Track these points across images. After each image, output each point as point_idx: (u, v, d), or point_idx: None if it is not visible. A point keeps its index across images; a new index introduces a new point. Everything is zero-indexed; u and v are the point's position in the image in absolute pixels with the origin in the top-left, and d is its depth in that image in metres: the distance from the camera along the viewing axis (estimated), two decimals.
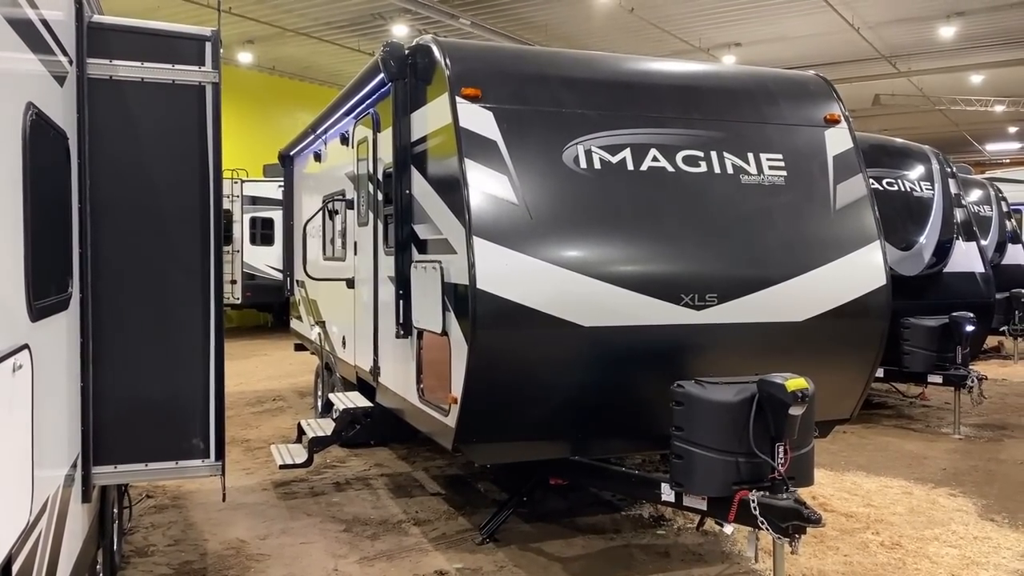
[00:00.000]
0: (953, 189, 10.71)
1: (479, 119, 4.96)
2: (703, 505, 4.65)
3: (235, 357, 16.41)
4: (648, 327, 5.03)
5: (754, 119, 5.70)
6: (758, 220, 5.43)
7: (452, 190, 5.04)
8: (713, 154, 5.42)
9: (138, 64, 3.69)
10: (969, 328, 9.11)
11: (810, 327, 5.42)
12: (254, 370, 14.42)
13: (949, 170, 10.85)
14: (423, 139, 5.57)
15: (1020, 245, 15.83)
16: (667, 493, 4.81)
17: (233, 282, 19.36)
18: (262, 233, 19.48)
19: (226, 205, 19.29)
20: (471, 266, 4.70)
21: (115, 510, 5.13)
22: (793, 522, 4.30)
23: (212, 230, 3.76)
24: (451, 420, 5.05)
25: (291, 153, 11.14)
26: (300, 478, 7.43)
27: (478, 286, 4.68)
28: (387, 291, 6.39)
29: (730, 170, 5.43)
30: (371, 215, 6.93)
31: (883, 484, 7.24)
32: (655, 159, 5.26)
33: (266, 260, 18.99)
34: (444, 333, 5.08)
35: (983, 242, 11.48)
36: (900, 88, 24.07)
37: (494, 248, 4.76)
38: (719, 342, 5.24)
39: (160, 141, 3.76)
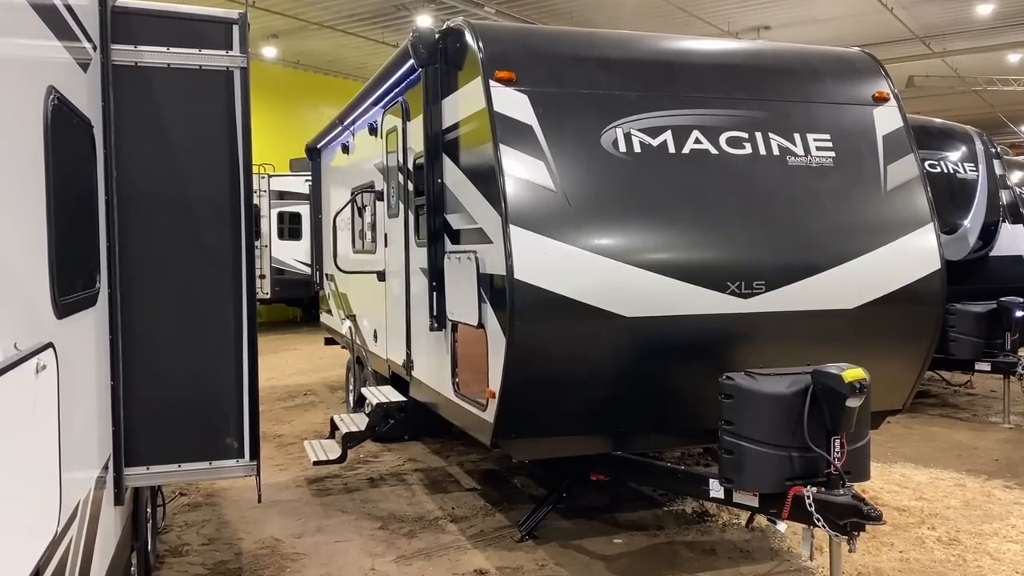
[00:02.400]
0: (998, 170, 10.35)
1: (514, 103, 4.78)
2: (754, 502, 4.46)
3: (265, 352, 16.36)
4: (693, 317, 4.83)
5: (799, 98, 5.46)
6: (806, 203, 5.20)
7: (487, 178, 4.87)
8: (758, 135, 5.20)
9: (164, 49, 3.55)
10: (1019, 313, 8.80)
11: (862, 315, 5.19)
12: (284, 364, 14.37)
13: (993, 150, 10.49)
14: (455, 126, 5.40)
15: None
16: (716, 489, 4.61)
17: (262, 277, 19.35)
18: (290, 228, 19.45)
19: (254, 200, 19.26)
20: (508, 256, 4.52)
21: (149, 510, 5.04)
22: (852, 519, 4.09)
23: (243, 222, 3.62)
24: (489, 415, 4.89)
25: (318, 146, 11.02)
26: (334, 474, 7.32)
27: (516, 276, 4.51)
28: (419, 283, 6.24)
29: (776, 152, 5.21)
30: (402, 206, 6.78)
31: (934, 476, 6.98)
32: (698, 141, 5.05)
33: (294, 255, 18.95)
34: (480, 326, 4.92)
35: None
36: (934, 69, 23.49)
37: (531, 237, 4.58)
38: (767, 332, 5.02)
39: (188, 129, 3.62)
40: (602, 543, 5.59)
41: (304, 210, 18.42)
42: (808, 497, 4.17)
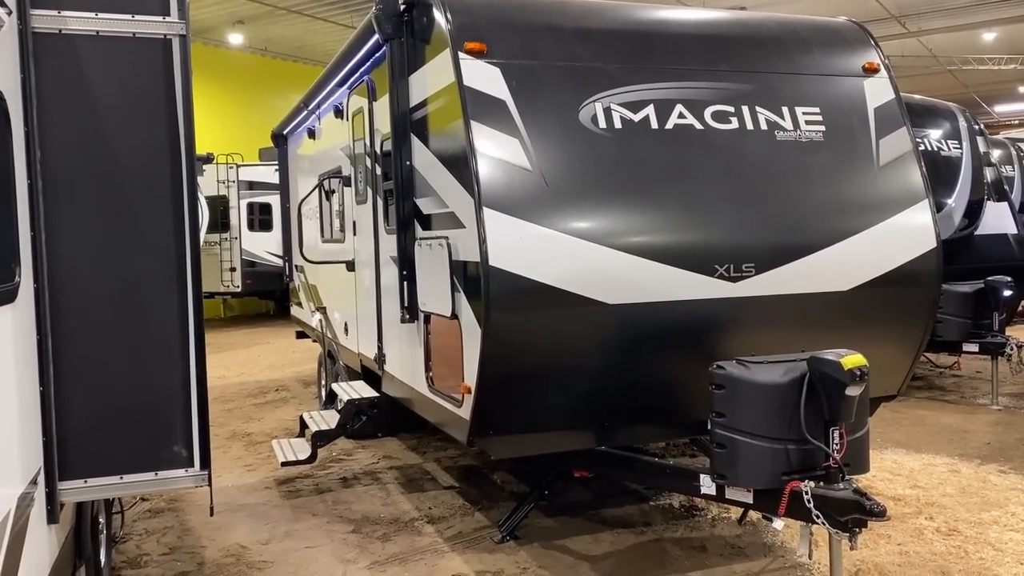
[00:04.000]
0: (982, 147, 10.17)
1: (485, 77, 4.45)
2: (749, 498, 4.18)
3: (237, 346, 15.99)
4: (679, 303, 4.54)
5: (787, 70, 5.18)
6: (796, 180, 4.92)
7: (458, 158, 4.55)
8: (744, 109, 4.91)
9: (92, 15, 3.18)
10: (1007, 293, 8.62)
11: (856, 297, 4.93)
12: (256, 359, 13.99)
13: (977, 127, 10.30)
14: (423, 104, 5.06)
15: None
16: (707, 486, 4.34)
17: (232, 270, 18.90)
18: (260, 219, 18.97)
19: (222, 191, 18.81)
20: (482, 241, 4.20)
21: (102, 519, 4.69)
22: (853, 515, 3.83)
23: (187, 206, 3.26)
24: (465, 412, 4.59)
25: (284, 132, 10.62)
26: (305, 474, 6.98)
27: (490, 263, 4.19)
28: (390, 273, 5.91)
29: (764, 126, 4.92)
30: (370, 192, 6.43)
31: (926, 462, 6.77)
32: (681, 116, 4.75)
33: (265, 246, 18.49)
34: (454, 316, 4.60)
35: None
36: (910, 49, 23.34)
37: (507, 220, 4.26)
38: (757, 317, 4.75)
39: (122, 104, 3.25)
40: (587, 542, 5.31)
41: (275, 200, 17.96)
42: (806, 493, 3.91)
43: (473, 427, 4.50)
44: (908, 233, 5.05)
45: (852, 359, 3.87)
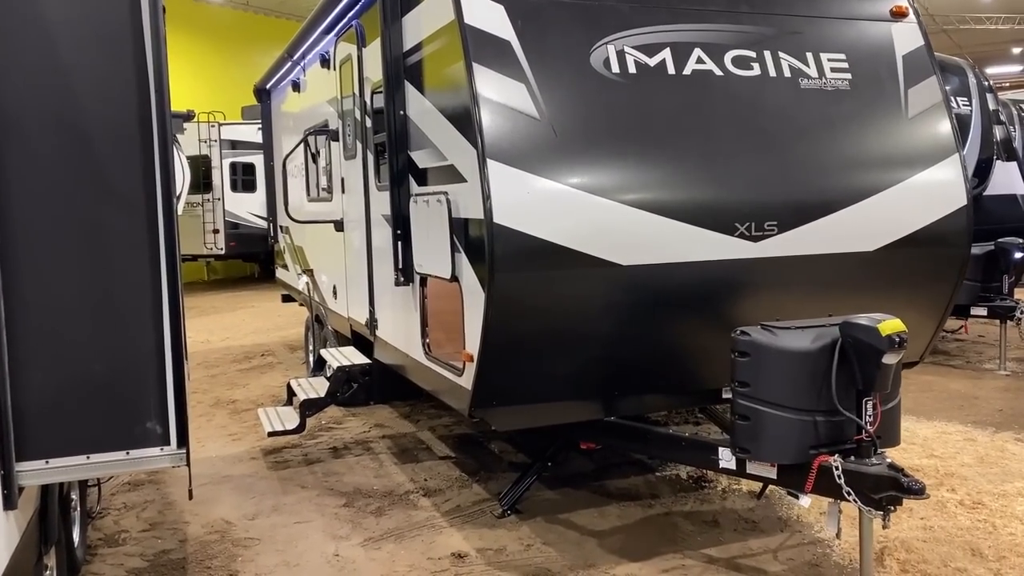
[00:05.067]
0: (991, 104, 9.83)
1: (488, 15, 4.05)
2: (772, 473, 3.90)
3: (221, 310, 15.61)
4: (698, 264, 4.22)
5: (810, 12, 4.80)
6: (821, 132, 4.58)
7: (458, 105, 4.17)
8: (767, 54, 4.54)
9: None
10: (1018, 255, 8.35)
11: (882, 258, 4.62)
12: (241, 323, 13.62)
13: (986, 83, 9.96)
14: (418, 47, 4.67)
15: None
16: (726, 459, 4.04)
17: (215, 232, 18.45)
18: (243, 179, 18.48)
19: (204, 151, 18.28)
20: (486, 197, 3.85)
21: (75, 496, 4.36)
22: (889, 493, 3.55)
23: (158, 153, 2.88)
24: (466, 381, 4.27)
25: (267, 86, 10.15)
26: (293, 444, 6.67)
27: (495, 220, 3.84)
28: (382, 233, 5.55)
29: (787, 73, 4.56)
30: (359, 146, 6.04)
31: (940, 430, 6.53)
32: (700, 61, 4.38)
33: (249, 207, 18.02)
34: (454, 279, 4.26)
35: None
36: None
37: (513, 173, 3.90)
38: (779, 279, 4.44)
39: (82, 37, 2.85)
40: (592, 516, 5.03)
41: (258, 160, 17.47)
42: (836, 468, 3.62)
43: (475, 398, 4.18)
44: (938, 190, 4.73)
45: (890, 324, 3.56)
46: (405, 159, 4.92)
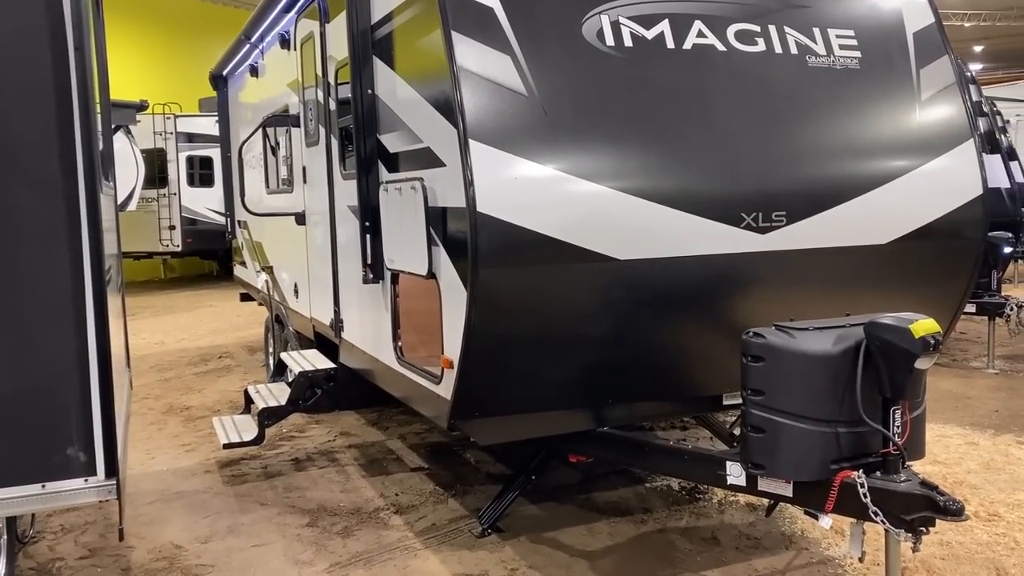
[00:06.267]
0: (974, 96, 9.60)
1: None
2: (787, 491, 3.50)
3: (177, 310, 14.94)
4: (701, 258, 3.81)
5: None
6: (830, 114, 4.20)
7: (435, 80, 3.72)
8: (772, 28, 4.15)
9: None
10: (1007, 250, 8.10)
11: (894, 251, 4.25)
12: (198, 324, 13.00)
13: (968, 74, 9.73)
14: (388, 17, 4.20)
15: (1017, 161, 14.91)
16: (735, 475, 3.64)
17: (172, 228, 17.74)
18: (201, 173, 17.79)
19: (159, 143, 17.57)
20: (468, 182, 3.40)
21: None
22: (922, 513, 3.17)
23: (78, 132, 2.38)
24: (445, 389, 3.82)
25: (224, 73, 9.57)
26: (251, 455, 6.15)
27: (479, 209, 3.39)
28: (348, 225, 5.08)
29: (794, 49, 4.17)
30: (322, 132, 5.55)
31: (939, 433, 6.21)
32: (701, 35, 3.97)
33: (207, 203, 17.34)
34: (431, 275, 3.81)
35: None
36: None
37: (498, 156, 3.46)
38: (787, 275, 4.05)
39: None
40: (581, 535, 4.61)
41: (217, 154, 16.82)
42: (862, 486, 3.24)
43: (455, 408, 3.73)
44: (952, 178, 4.38)
45: (923, 324, 3.18)
46: (374, 143, 4.45)
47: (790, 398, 3.34)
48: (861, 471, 3.29)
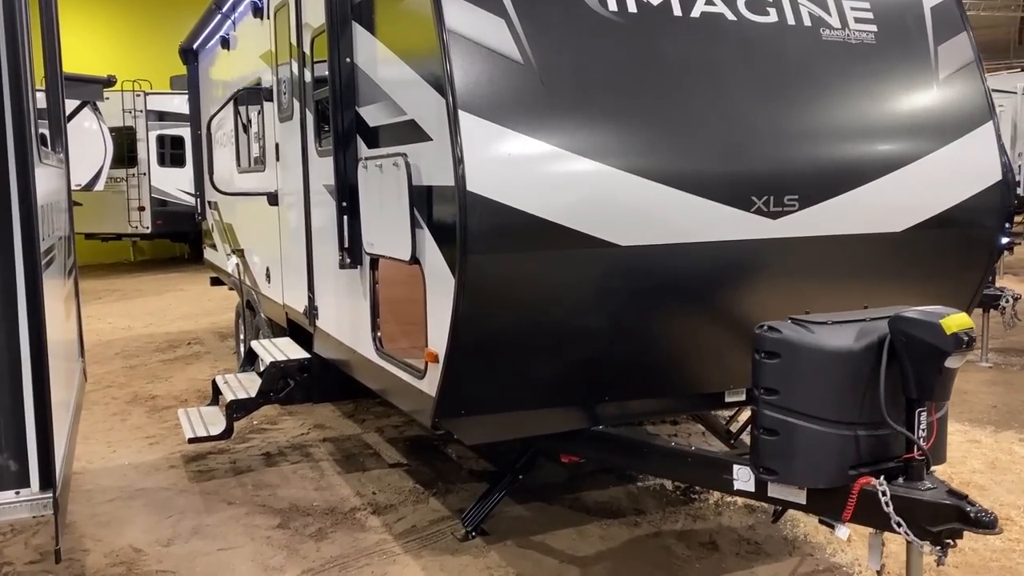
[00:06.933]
0: None
1: None
2: (801, 498, 3.23)
3: (146, 293, 14.47)
4: (708, 245, 3.52)
5: None
6: (845, 92, 3.91)
7: (421, 46, 3.38)
8: None
9: None
10: (1004, 241, 7.88)
11: (909, 240, 3.99)
12: (167, 308, 12.57)
13: None
14: None
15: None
16: (743, 480, 3.37)
17: (141, 209, 17.21)
18: (172, 153, 17.25)
19: (128, 121, 17.00)
20: (457, 159, 3.07)
21: None
22: (950, 525, 2.91)
23: (7, 82, 2.03)
24: (429, 385, 3.50)
25: (194, 46, 9.13)
26: (219, 449, 5.81)
27: (469, 188, 3.07)
28: (324, 206, 4.74)
29: (807, 21, 3.88)
30: (296, 105, 5.19)
31: None
32: (710, 2, 3.66)
33: (177, 183, 16.83)
34: (415, 261, 3.48)
35: None
36: None
37: (491, 129, 3.14)
38: (797, 264, 3.77)
39: None
40: (571, 538, 4.33)
41: (188, 133, 16.30)
42: (884, 494, 2.97)
43: (440, 406, 3.42)
44: (971, 163, 4.11)
45: (955, 320, 2.91)
46: (352, 117, 4.11)
47: (807, 398, 3.06)
48: (882, 478, 3.03)
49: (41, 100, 4.48)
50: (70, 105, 6.62)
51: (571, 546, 4.25)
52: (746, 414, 4.81)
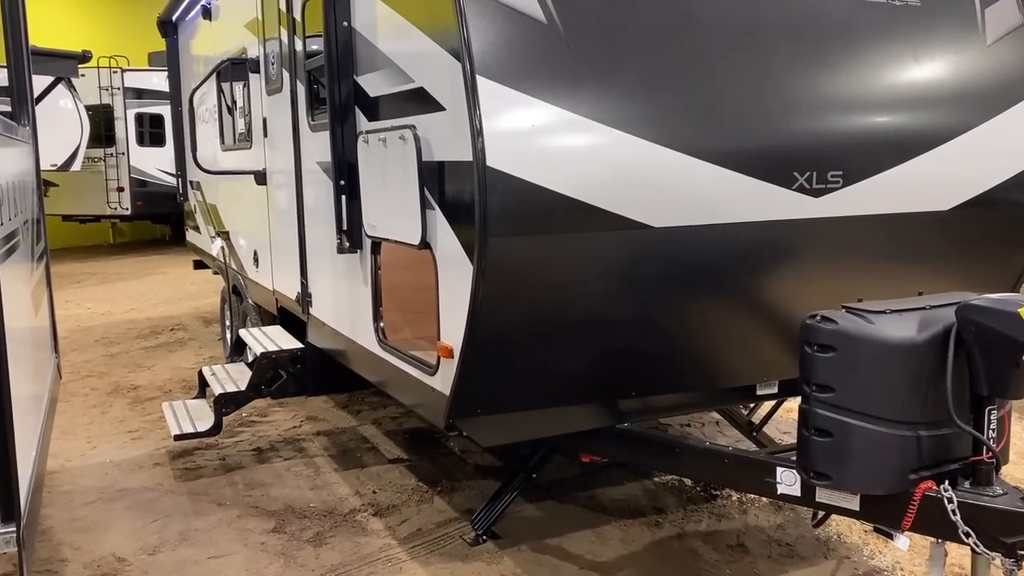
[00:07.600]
0: None
1: None
2: (854, 504, 2.93)
3: (127, 277, 14.02)
4: (747, 225, 3.20)
5: None
6: (890, 57, 3.59)
7: (431, 4, 3.02)
8: None
9: None
10: None
11: (955, 219, 3.69)
12: (148, 292, 12.15)
13: None
14: None
15: None
16: (788, 484, 3.07)
17: (120, 190, 16.68)
18: (151, 132, 16.71)
19: (106, 99, 16.45)
20: (476, 131, 2.73)
21: None
22: None
23: None
24: (442, 382, 3.18)
25: (173, 18, 8.67)
26: (207, 444, 5.48)
27: (489, 164, 2.73)
28: (317, 185, 4.38)
29: None
30: (286, 76, 4.81)
31: None
32: None
33: (157, 163, 16.30)
34: (425, 245, 3.14)
35: None
36: None
37: (513, 97, 2.79)
38: (840, 246, 3.47)
39: None
40: (589, 541, 4.04)
41: (167, 111, 15.78)
42: (951, 500, 2.68)
43: (454, 405, 3.10)
44: (1020, 136, 3.81)
45: None
46: (350, 86, 3.75)
47: (866, 396, 2.75)
48: (947, 483, 2.74)
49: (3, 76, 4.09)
50: (44, 82, 6.22)
51: (590, 550, 3.96)
52: (768, 405, 4.54)
